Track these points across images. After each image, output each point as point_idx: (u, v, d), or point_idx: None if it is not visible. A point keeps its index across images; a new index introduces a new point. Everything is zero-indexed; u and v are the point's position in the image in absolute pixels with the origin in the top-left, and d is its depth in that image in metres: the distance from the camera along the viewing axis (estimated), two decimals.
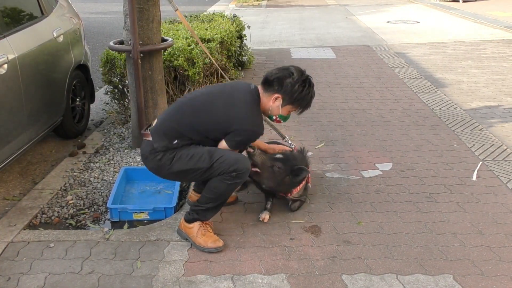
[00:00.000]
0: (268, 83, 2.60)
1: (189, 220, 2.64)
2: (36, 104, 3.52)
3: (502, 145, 3.95)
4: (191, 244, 2.63)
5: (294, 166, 2.83)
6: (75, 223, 3.00)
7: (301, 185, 2.93)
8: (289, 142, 3.23)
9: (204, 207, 2.60)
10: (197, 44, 4.57)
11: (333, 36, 9.25)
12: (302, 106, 2.65)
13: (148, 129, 2.62)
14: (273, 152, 2.95)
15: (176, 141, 2.50)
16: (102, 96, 5.44)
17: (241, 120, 2.50)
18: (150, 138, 2.55)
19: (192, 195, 3.03)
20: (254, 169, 2.73)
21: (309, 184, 3.09)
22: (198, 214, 2.62)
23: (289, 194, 2.92)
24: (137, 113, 3.77)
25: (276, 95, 2.57)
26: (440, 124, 4.44)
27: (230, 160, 2.48)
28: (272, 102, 2.59)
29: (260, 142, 2.96)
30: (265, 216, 2.88)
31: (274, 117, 2.66)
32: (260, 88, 2.64)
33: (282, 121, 2.70)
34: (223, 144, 2.54)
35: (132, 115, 3.91)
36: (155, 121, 2.66)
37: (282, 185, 2.85)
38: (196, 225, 2.63)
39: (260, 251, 2.59)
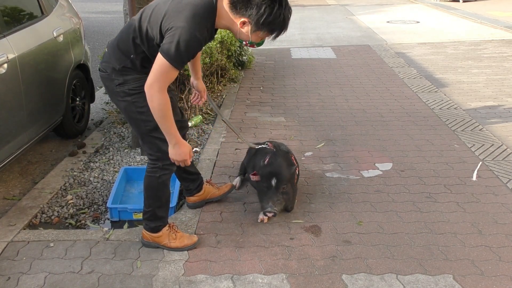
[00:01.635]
0: (232, 3, 2.19)
1: (154, 230, 2.58)
2: (36, 103, 3.52)
3: (502, 145, 3.95)
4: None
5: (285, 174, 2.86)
6: (75, 222, 3.00)
7: (296, 176, 3.04)
8: (253, 144, 3.17)
9: (151, 210, 2.55)
10: None
11: (333, 36, 9.25)
12: (274, 31, 2.25)
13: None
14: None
15: (132, 55, 2.31)
16: (102, 95, 5.45)
17: (177, 15, 2.13)
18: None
19: (189, 197, 3.03)
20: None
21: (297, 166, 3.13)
22: (154, 220, 2.57)
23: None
24: None
25: (243, 19, 2.18)
26: (440, 124, 4.44)
27: (162, 147, 2.36)
28: (240, 27, 2.21)
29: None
30: (264, 216, 2.88)
31: (244, 42, 2.32)
32: (224, 3, 2.21)
33: (255, 46, 2.36)
34: (158, 58, 2.14)
35: None
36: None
37: (294, 190, 2.96)
38: (164, 232, 2.59)
39: (260, 251, 2.59)
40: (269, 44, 2.36)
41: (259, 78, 6.18)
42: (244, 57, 6.54)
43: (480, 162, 3.62)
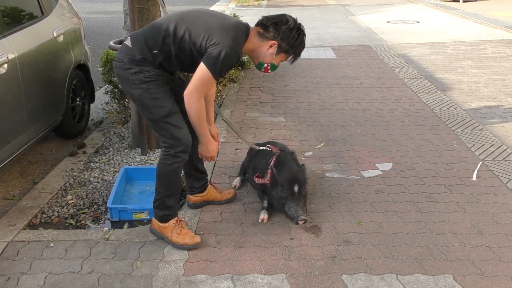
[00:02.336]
0: (264, 27, 2.48)
1: (162, 220, 2.63)
2: (36, 103, 3.52)
3: (502, 145, 3.95)
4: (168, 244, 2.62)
5: (300, 179, 2.85)
6: (75, 222, 3.00)
7: None
8: (254, 144, 3.18)
9: (160, 198, 2.59)
10: None
11: (333, 36, 9.25)
12: (295, 54, 2.56)
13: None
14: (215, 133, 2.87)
15: (156, 51, 2.42)
16: (102, 95, 5.45)
17: (224, 33, 2.36)
18: (129, 43, 2.48)
19: (191, 197, 3.03)
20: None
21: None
22: (162, 209, 2.61)
23: None
24: (137, 113, 3.77)
25: (272, 41, 2.47)
26: (440, 124, 4.44)
27: (175, 133, 2.47)
28: (267, 49, 2.49)
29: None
30: (264, 216, 2.88)
31: (265, 65, 2.56)
32: (254, 30, 2.52)
33: (270, 71, 2.59)
34: (201, 68, 2.35)
35: (132, 115, 3.91)
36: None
37: (306, 190, 2.95)
38: (171, 224, 2.63)
39: (260, 251, 2.59)
40: None
41: (259, 78, 6.18)
42: (244, 57, 6.53)
43: (480, 162, 3.62)
